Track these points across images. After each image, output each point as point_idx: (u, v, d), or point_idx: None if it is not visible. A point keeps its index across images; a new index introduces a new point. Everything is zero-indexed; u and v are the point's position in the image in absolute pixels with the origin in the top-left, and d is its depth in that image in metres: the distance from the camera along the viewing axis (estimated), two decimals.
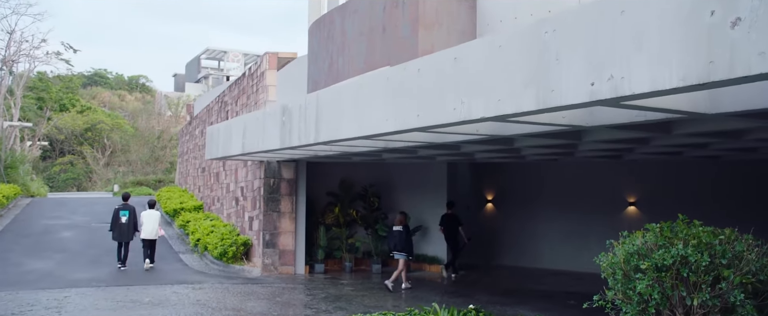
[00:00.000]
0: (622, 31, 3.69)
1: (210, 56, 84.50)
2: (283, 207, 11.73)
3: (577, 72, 3.95)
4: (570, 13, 4.10)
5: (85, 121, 51.44)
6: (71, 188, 49.03)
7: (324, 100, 7.18)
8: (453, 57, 5.13)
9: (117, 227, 12.22)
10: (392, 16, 13.43)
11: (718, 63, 3.18)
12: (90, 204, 23.88)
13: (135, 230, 12.32)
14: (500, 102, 4.60)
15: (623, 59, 3.68)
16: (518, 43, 4.43)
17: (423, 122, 5.47)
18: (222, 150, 11.03)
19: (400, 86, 5.76)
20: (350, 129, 6.63)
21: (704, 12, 3.25)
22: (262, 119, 8.99)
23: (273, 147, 8.67)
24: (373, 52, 13.93)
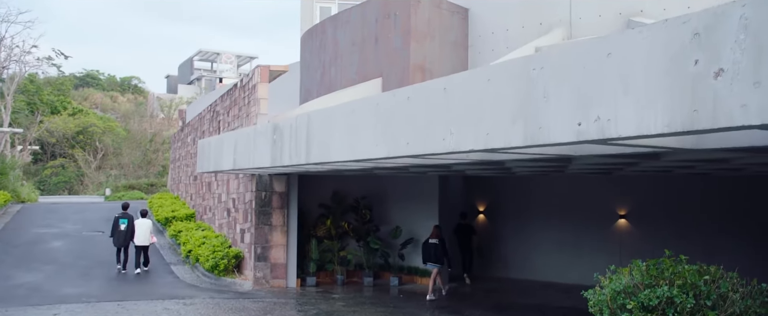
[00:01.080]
0: (609, 73, 3.72)
1: (203, 58, 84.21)
2: (274, 220, 11.71)
3: (565, 111, 3.97)
4: (557, 52, 4.13)
5: (77, 124, 51.12)
6: (63, 191, 48.72)
7: (315, 121, 7.18)
8: (442, 87, 5.15)
9: (116, 234, 13.39)
10: (384, 28, 13.44)
11: (702, 112, 3.21)
12: (81, 211, 23.75)
13: (132, 236, 13.39)
14: (489, 136, 4.62)
15: (610, 101, 3.70)
16: (507, 78, 4.46)
17: (413, 150, 5.49)
18: (213, 164, 11.01)
19: (390, 113, 5.77)
20: (341, 152, 6.64)
21: (688, 60, 3.28)
22: (253, 136, 8.98)
23: (264, 165, 8.66)
24: (366, 63, 13.94)
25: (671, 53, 3.37)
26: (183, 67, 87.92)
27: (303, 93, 17.03)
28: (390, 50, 13.31)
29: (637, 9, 12.02)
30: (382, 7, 13.51)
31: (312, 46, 16.30)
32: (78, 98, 72.29)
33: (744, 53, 3.02)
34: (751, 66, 2.98)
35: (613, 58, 3.69)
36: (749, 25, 3.00)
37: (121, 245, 13.27)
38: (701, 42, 3.21)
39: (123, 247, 13.30)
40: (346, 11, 15.09)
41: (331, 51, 15.11)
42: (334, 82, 15.06)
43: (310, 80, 16.38)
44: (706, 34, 3.19)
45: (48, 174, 49.15)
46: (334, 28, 15.03)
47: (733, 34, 3.06)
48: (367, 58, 13.86)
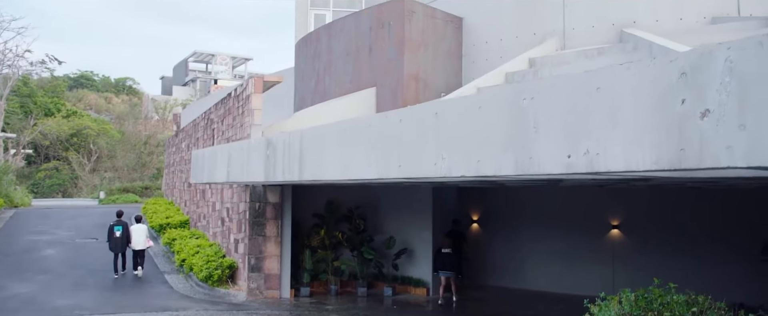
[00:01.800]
0: (598, 106, 3.74)
1: (198, 59, 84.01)
2: (268, 231, 11.71)
3: (555, 142, 4.00)
4: (547, 84, 4.15)
5: (71, 126, 50.89)
6: (56, 194, 48.50)
7: (308, 139, 7.19)
8: (434, 112, 5.17)
9: (112, 240, 13.95)
10: (378, 38, 13.46)
11: (689, 152, 3.24)
12: (74, 216, 23.64)
13: (128, 242, 14.04)
14: (480, 163, 4.64)
15: (599, 135, 3.73)
16: (497, 107, 4.48)
17: (405, 173, 5.50)
18: (207, 176, 11.00)
19: (382, 134, 5.79)
20: (333, 171, 6.65)
21: (676, 99, 3.31)
22: (247, 150, 8.98)
23: (257, 180, 8.66)
24: (360, 72, 13.95)
25: (659, 91, 3.40)
26: (178, 69, 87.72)
27: (297, 100, 17.04)
28: (384, 60, 13.33)
29: (630, 20, 12.09)
30: (376, 16, 13.53)
31: (306, 53, 16.30)
32: (72, 100, 71.97)
33: (729, 96, 3.05)
34: (736, 108, 3.01)
35: (602, 93, 3.72)
36: (734, 68, 3.03)
37: (118, 251, 13.89)
38: (688, 82, 3.24)
39: (120, 253, 13.92)
40: (340, 20, 15.10)
41: (326, 59, 15.12)
42: (328, 91, 15.08)
43: (305, 88, 16.39)
44: (692, 75, 3.22)
45: (41, 177, 48.91)
46: (328, 37, 15.05)
47: (719, 76, 3.09)
48: (362, 67, 13.89)
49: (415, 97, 13.01)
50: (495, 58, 13.61)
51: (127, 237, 13.93)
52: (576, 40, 12.54)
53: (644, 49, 9.36)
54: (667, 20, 11.87)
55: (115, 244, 13.82)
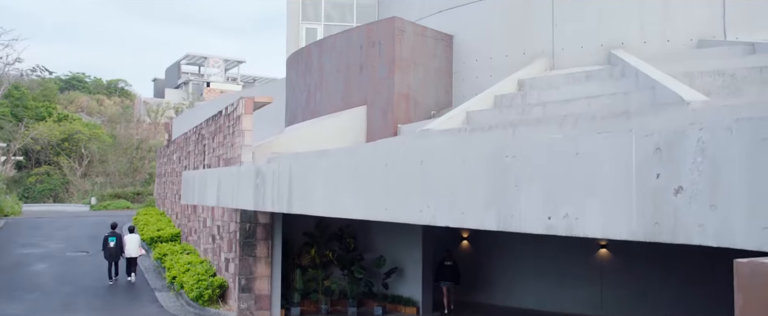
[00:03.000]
0: (577, 172, 3.81)
1: (190, 62, 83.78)
2: (259, 252, 11.74)
3: (536, 203, 4.07)
4: (529, 144, 4.22)
5: (62, 131, 50.58)
6: (47, 199, 48.24)
7: (296, 172, 7.24)
8: (420, 160, 5.23)
9: (107, 250, 15.03)
10: (369, 56, 13.51)
11: (663, 226, 3.32)
12: (65, 227, 23.57)
13: (121, 251, 15.12)
14: (464, 215, 4.71)
15: (578, 200, 3.80)
16: (481, 162, 4.55)
17: (391, 217, 5.57)
18: (197, 198, 11.02)
19: (368, 176, 5.85)
20: (321, 207, 6.71)
21: (651, 172, 3.39)
22: (237, 177, 9.02)
23: (247, 207, 8.70)
24: (350, 90, 14.00)
25: (635, 163, 3.47)
26: (170, 71, 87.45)
27: (288, 115, 17.07)
28: (375, 78, 13.39)
29: (618, 42, 12.21)
30: (366, 35, 13.59)
31: (298, 68, 16.33)
32: (64, 102, 71.54)
33: (701, 175, 3.13)
34: (707, 188, 3.10)
35: (581, 159, 3.79)
36: (706, 149, 3.11)
37: (112, 260, 14.92)
38: (662, 157, 3.32)
39: (114, 261, 14.95)
40: (331, 37, 15.14)
41: (317, 76, 15.16)
42: (319, 107, 15.11)
43: (296, 103, 16.42)
44: (667, 151, 3.30)
45: (32, 182, 48.62)
46: (319, 53, 15.08)
47: (692, 156, 3.17)
48: (352, 84, 13.93)
49: (405, 115, 13.08)
50: (485, 77, 13.70)
51: (121, 247, 15.07)
52: (565, 60, 12.65)
53: (631, 76, 9.47)
54: (654, 42, 12.00)
55: (110, 253, 14.92)
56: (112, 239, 15.02)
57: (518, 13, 13.28)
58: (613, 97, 8.47)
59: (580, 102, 8.84)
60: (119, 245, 14.99)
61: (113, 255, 14.87)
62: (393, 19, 13.13)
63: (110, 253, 14.86)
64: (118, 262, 14.98)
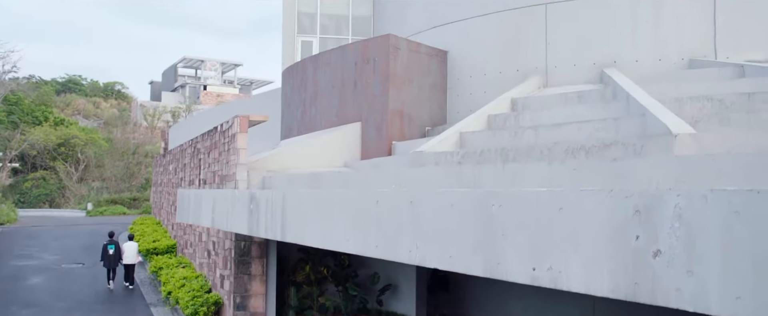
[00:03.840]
0: (561, 227, 3.90)
1: (187, 65, 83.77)
2: (253, 270, 11.81)
3: (521, 253, 4.15)
4: (515, 194, 4.30)
5: (59, 135, 50.56)
6: (43, 204, 48.19)
7: (290, 201, 7.31)
8: (409, 200, 5.31)
9: (105, 257, 16.20)
10: (364, 73, 13.59)
11: (642, 287, 3.40)
12: (61, 236, 23.59)
13: (119, 258, 16.29)
14: (452, 258, 4.79)
15: (561, 254, 3.88)
16: (469, 208, 4.63)
17: (382, 254, 5.65)
18: (192, 217, 11.09)
19: (360, 212, 5.93)
20: (314, 238, 6.79)
21: (631, 233, 3.47)
22: (231, 200, 9.08)
23: (241, 232, 8.77)
24: (345, 106, 14.08)
25: (615, 223, 3.56)
26: (167, 74, 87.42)
27: (284, 129, 17.13)
28: (369, 95, 13.47)
29: (611, 60, 12.32)
30: (361, 51, 13.67)
31: (293, 83, 16.40)
32: (60, 104, 71.49)
33: (678, 240, 3.22)
34: (684, 254, 3.18)
35: (565, 214, 3.88)
36: (683, 215, 3.20)
37: (110, 267, 16.09)
38: (641, 220, 3.41)
39: (112, 268, 16.13)
40: (326, 53, 15.22)
41: (312, 91, 15.23)
42: (314, 122, 15.19)
43: (291, 117, 16.49)
44: (646, 214, 3.39)
45: (28, 187, 48.57)
46: (314, 69, 15.16)
47: (669, 221, 3.26)
48: (347, 101, 14.01)
49: (399, 132, 13.17)
50: (479, 93, 13.80)
51: (119, 254, 16.31)
52: (558, 78, 12.76)
53: (622, 99, 9.57)
54: (646, 61, 12.11)
55: (108, 261, 16.14)
56: (111, 246, 16.24)
57: (512, 31, 13.38)
58: (603, 122, 8.56)
59: (571, 127, 8.93)
60: (117, 253, 16.21)
61: (111, 262, 16.08)
62: (387, 36, 13.22)
63: (109, 260, 16.06)
64: (115, 268, 16.17)
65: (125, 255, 16.39)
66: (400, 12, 16.53)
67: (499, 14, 13.65)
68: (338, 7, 18.07)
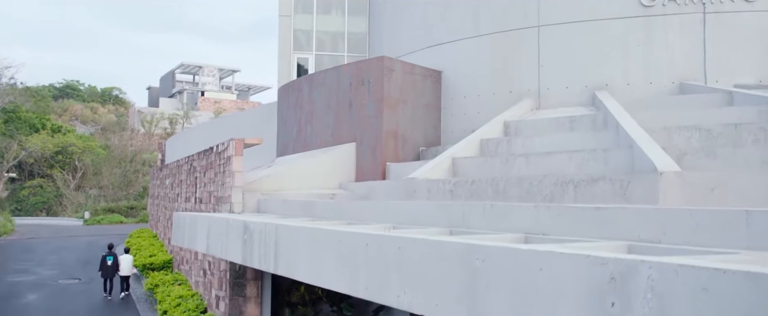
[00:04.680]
0: (541, 286, 4.00)
1: (185, 70, 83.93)
2: (248, 292, 11.90)
3: (504, 307, 4.26)
4: (498, 251, 4.41)
5: (56, 143, 50.66)
6: (40, 212, 48.23)
7: (282, 236, 7.41)
8: (397, 246, 5.41)
9: (104, 268, 17.11)
10: (358, 94, 13.71)
11: None
12: (58, 249, 23.63)
13: (116, 270, 17.14)
14: (437, 307, 4.89)
15: (542, 313, 4.00)
16: (454, 259, 4.73)
17: (370, 297, 5.75)
18: (187, 241, 11.18)
19: (350, 253, 6.03)
20: (305, 274, 6.89)
21: (607, 300, 3.58)
22: (226, 228, 9.18)
23: (235, 260, 8.87)
24: (340, 126, 14.20)
25: (593, 287, 3.66)
26: (165, 80, 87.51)
27: (280, 146, 17.24)
28: (363, 116, 13.59)
29: (603, 83, 12.46)
30: (355, 72, 13.79)
31: (288, 101, 16.52)
32: (58, 110, 71.56)
33: (651, 310, 3.33)
34: None
35: (545, 274, 3.98)
36: (655, 287, 3.31)
37: (107, 277, 16.99)
38: (617, 287, 3.51)
39: (109, 278, 17.02)
40: (321, 73, 15.34)
41: (307, 110, 15.36)
42: (309, 141, 15.31)
43: (287, 135, 16.61)
44: (621, 282, 3.49)
45: (25, 194, 48.62)
46: (309, 88, 15.28)
47: (643, 291, 3.37)
48: (342, 121, 14.13)
49: (394, 153, 13.29)
50: (473, 113, 13.93)
51: (116, 266, 17.15)
52: (550, 100, 12.89)
53: (612, 127, 9.69)
54: (638, 84, 12.26)
55: (106, 271, 17.04)
56: (110, 258, 17.18)
57: (505, 52, 13.52)
58: (593, 153, 8.69)
59: (561, 156, 9.06)
60: (115, 264, 17.11)
61: (109, 273, 16.96)
62: (382, 58, 13.34)
63: (106, 271, 16.99)
64: (113, 279, 17.04)
65: (122, 266, 17.35)
66: (395, 31, 16.67)
67: (492, 36, 13.80)
68: (334, 25, 18.20)
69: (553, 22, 12.98)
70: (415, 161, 13.54)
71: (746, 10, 11.83)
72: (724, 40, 11.91)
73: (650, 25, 12.21)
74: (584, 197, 7.42)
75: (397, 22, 16.62)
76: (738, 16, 11.84)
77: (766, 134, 8.45)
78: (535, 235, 5.58)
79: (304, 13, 18.01)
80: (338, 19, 18.18)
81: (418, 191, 9.80)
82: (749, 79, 11.86)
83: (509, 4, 13.55)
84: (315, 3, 18.05)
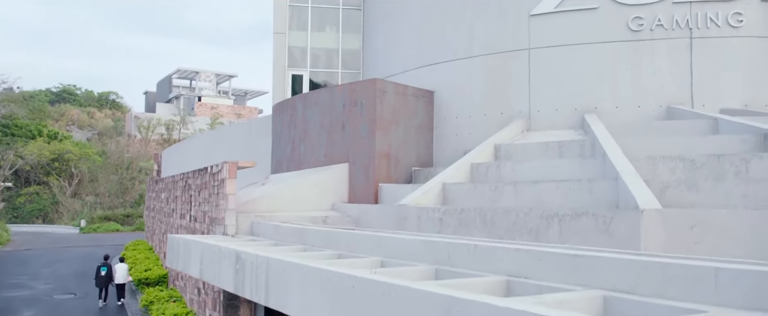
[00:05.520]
0: None
1: (182, 76, 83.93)
2: (241, 313, 12.02)
3: None
4: (476, 306, 4.56)
5: (52, 150, 50.62)
6: (36, 219, 48.21)
7: (273, 270, 7.55)
8: (382, 292, 5.56)
9: (98, 278, 17.74)
10: (351, 115, 13.86)
11: None
12: (53, 261, 23.70)
13: (110, 279, 17.91)
14: None
15: None
16: (437, 308, 4.89)
17: None
18: (182, 265, 11.31)
19: (338, 293, 6.17)
20: (294, 309, 7.03)
21: None
22: (218, 256, 9.32)
23: (227, 288, 9.00)
24: (333, 146, 14.35)
25: None
26: (161, 85, 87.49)
27: (274, 163, 17.38)
28: (356, 137, 13.73)
29: (592, 106, 12.65)
30: (349, 94, 13.95)
31: (283, 119, 16.67)
32: (54, 115, 71.49)
33: None
34: None
35: None
36: None
37: (102, 286, 17.64)
38: None
39: (104, 287, 17.68)
40: (315, 93, 15.51)
41: (301, 129, 15.50)
42: (303, 160, 15.45)
43: (281, 152, 16.76)
44: None
45: (22, 201, 48.58)
46: (303, 107, 15.43)
47: None
48: (335, 141, 14.28)
49: (386, 174, 13.44)
50: (464, 134, 14.10)
51: (110, 276, 17.86)
52: (541, 122, 13.08)
53: (599, 156, 9.85)
54: (626, 107, 12.45)
55: (101, 280, 17.68)
56: (104, 268, 17.82)
57: (496, 74, 13.71)
58: (579, 183, 8.85)
59: (548, 185, 9.21)
60: (109, 274, 17.85)
61: (103, 282, 17.65)
62: (374, 81, 13.50)
63: (101, 280, 17.65)
64: (108, 287, 17.73)
65: (117, 276, 18.00)
66: (389, 50, 16.84)
67: (484, 57, 13.99)
68: (328, 42, 18.37)
69: (544, 45, 13.17)
70: (407, 182, 13.70)
71: (732, 35, 12.04)
72: (710, 64, 12.12)
73: (638, 50, 12.42)
74: (568, 232, 7.59)
75: (390, 41, 16.80)
76: (724, 41, 12.06)
77: (747, 166, 8.63)
78: (516, 278, 5.74)
79: (299, 30, 18.18)
80: (332, 36, 18.36)
81: (408, 217, 9.95)
82: (735, 103, 12.07)
83: (501, 26, 13.74)
84: (309, 20, 18.23)
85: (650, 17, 12.32)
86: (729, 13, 12.01)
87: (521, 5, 13.36)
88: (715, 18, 12.04)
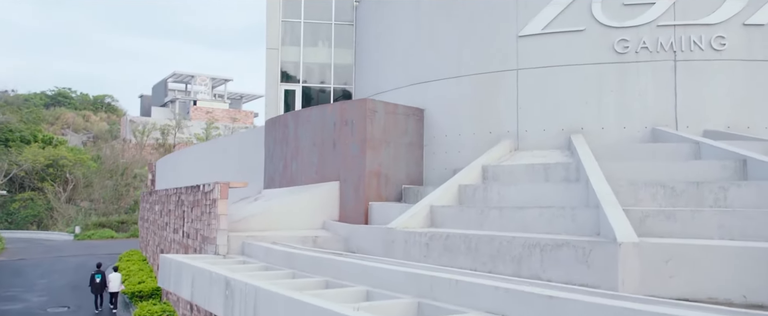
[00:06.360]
0: None
1: (177, 79, 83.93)
2: None
3: None
4: None
5: (47, 156, 50.64)
6: (31, 225, 48.19)
7: (261, 299, 7.72)
8: None
9: (93, 285, 18.87)
10: (342, 134, 14.04)
11: None
12: (48, 272, 23.78)
13: (104, 286, 18.91)
14: None
15: None
16: None
17: None
18: (173, 285, 11.45)
19: None
20: None
21: None
22: (209, 280, 9.47)
23: (218, 313, 9.16)
24: (325, 164, 14.52)
25: None
26: (157, 89, 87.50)
27: (267, 179, 17.54)
28: (347, 156, 13.91)
29: (578, 126, 12.86)
30: (340, 113, 14.12)
31: (275, 135, 16.84)
32: (49, 118, 71.43)
33: None
34: None
35: None
36: None
37: (97, 293, 18.76)
38: None
39: (99, 294, 18.82)
40: (306, 110, 15.67)
41: (293, 146, 15.67)
42: (295, 177, 15.62)
43: (273, 168, 16.92)
44: None
45: (16, 207, 48.56)
46: (295, 125, 15.60)
47: None
48: (327, 159, 14.45)
49: (376, 192, 13.61)
50: (454, 152, 14.30)
51: (104, 282, 18.85)
52: (528, 142, 13.29)
53: (583, 181, 10.05)
54: (611, 128, 12.67)
55: (95, 288, 18.80)
56: (98, 276, 18.85)
57: (485, 93, 13.91)
58: (562, 211, 9.03)
59: (533, 212, 9.40)
60: (103, 281, 18.81)
61: (98, 289, 18.72)
62: (365, 100, 13.68)
63: (95, 287, 18.72)
64: (102, 294, 18.87)
65: (111, 284, 18.97)
66: (380, 67, 17.04)
67: (473, 77, 14.19)
68: (320, 57, 18.58)
69: (532, 66, 13.39)
70: (397, 200, 13.88)
71: (715, 58, 12.27)
72: (694, 87, 12.34)
73: (624, 72, 12.64)
74: (549, 261, 7.79)
75: (381, 58, 16.99)
76: (707, 64, 12.29)
77: (725, 194, 8.85)
78: None
79: (292, 45, 18.36)
80: (324, 50, 18.56)
81: (396, 241, 10.13)
82: (718, 124, 12.30)
83: (490, 46, 13.95)
84: (302, 36, 18.41)
85: (635, 40, 12.54)
86: (712, 36, 12.25)
87: (510, 26, 13.57)
88: (699, 41, 12.27)
